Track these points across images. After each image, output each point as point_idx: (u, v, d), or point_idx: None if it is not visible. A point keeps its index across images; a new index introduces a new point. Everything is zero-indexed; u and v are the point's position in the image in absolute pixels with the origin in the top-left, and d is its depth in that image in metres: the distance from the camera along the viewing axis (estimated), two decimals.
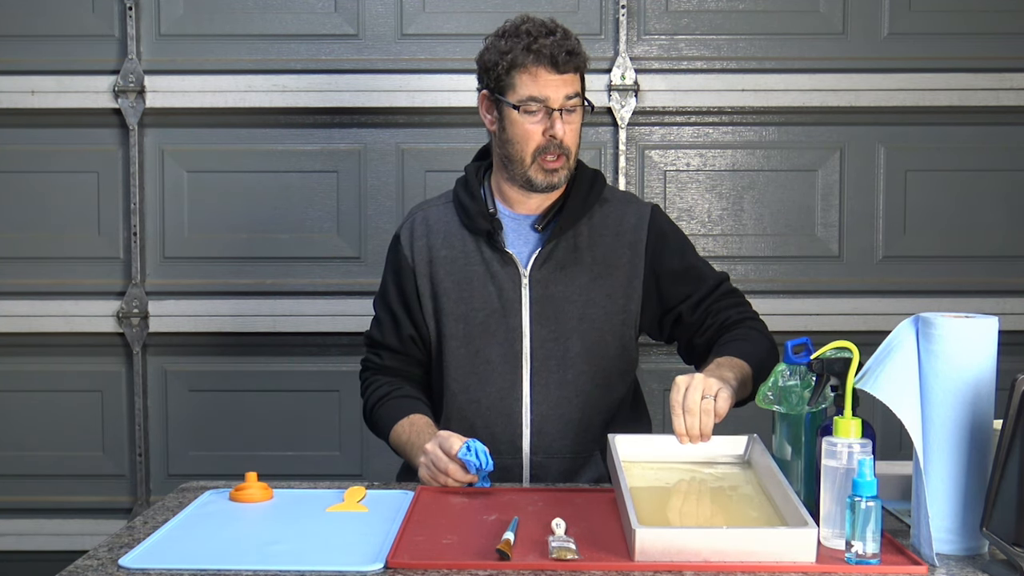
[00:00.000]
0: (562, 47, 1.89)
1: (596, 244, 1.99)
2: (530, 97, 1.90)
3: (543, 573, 1.36)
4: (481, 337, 1.97)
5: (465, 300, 1.98)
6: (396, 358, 2.06)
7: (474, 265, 1.99)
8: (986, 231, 2.87)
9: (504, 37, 1.93)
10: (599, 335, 1.98)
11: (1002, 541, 1.36)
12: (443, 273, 2.00)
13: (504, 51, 1.91)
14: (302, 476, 2.52)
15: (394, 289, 2.05)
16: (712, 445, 1.72)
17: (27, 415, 2.89)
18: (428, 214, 2.06)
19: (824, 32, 2.84)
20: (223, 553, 1.44)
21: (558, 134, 1.90)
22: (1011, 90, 2.80)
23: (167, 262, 2.87)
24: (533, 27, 1.92)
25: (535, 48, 1.89)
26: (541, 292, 1.96)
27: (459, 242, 2.01)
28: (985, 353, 1.44)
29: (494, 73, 1.93)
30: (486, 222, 1.98)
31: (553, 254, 1.97)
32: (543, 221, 2.00)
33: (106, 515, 2.86)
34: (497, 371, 1.97)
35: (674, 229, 2.06)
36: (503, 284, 1.97)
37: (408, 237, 2.05)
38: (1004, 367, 1.47)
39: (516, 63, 1.90)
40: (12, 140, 2.85)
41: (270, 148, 2.86)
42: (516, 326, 1.96)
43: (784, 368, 1.64)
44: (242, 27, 2.83)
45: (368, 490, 1.73)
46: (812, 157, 2.87)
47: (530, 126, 1.91)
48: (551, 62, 1.88)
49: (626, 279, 1.99)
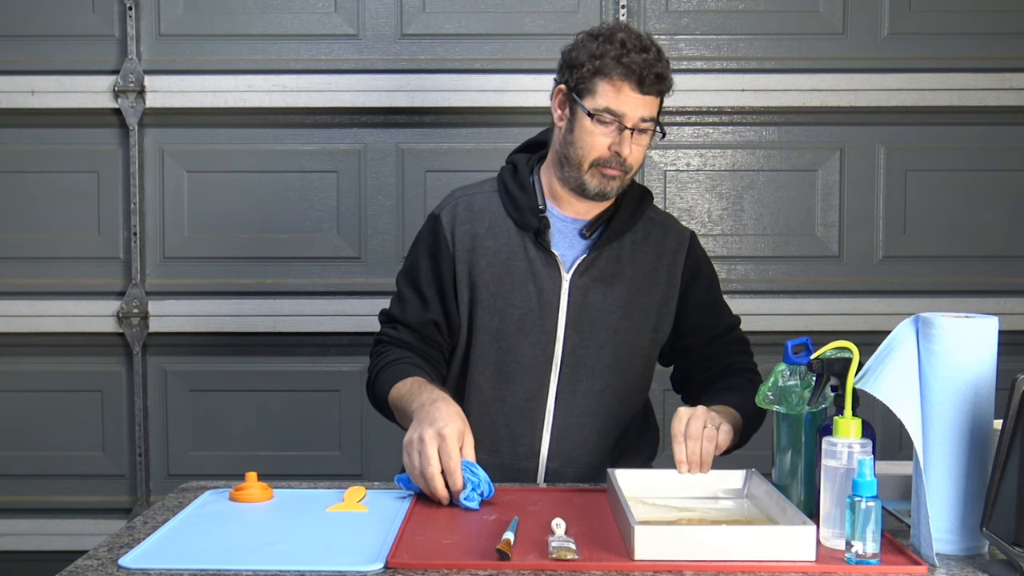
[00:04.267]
0: (652, 68, 1.84)
1: (637, 260, 1.97)
2: (607, 109, 1.85)
3: (543, 573, 1.36)
4: (514, 335, 1.93)
5: (503, 295, 1.93)
6: (415, 336, 1.97)
7: (517, 260, 1.94)
8: (986, 231, 2.87)
9: (598, 40, 1.87)
10: (630, 349, 1.97)
11: (1002, 541, 1.36)
12: (484, 264, 1.94)
13: (595, 55, 1.85)
14: (302, 476, 2.52)
15: (428, 270, 1.98)
16: (711, 480, 1.70)
17: (27, 415, 2.89)
18: (472, 201, 1.99)
19: (824, 32, 2.84)
20: (223, 553, 1.44)
21: (623, 152, 1.86)
22: (1011, 90, 2.81)
23: (167, 262, 2.87)
24: (629, 38, 1.86)
25: (625, 61, 1.83)
26: (580, 298, 1.93)
27: (504, 234, 1.95)
28: (985, 353, 1.44)
29: (578, 73, 1.87)
30: (535, 219, 1.94)
31: (596, 262, 1.94)
32: (590, 228, 1.96)
33: (106, 515, 2.87)
34: (526, 372, 1.94)
35: (707, 261, 2.06)
36: (543, 284, 1.93)
37: (450, 221, 1.97)
38: (1004, 367, 1.47)
39: (603, 71, 1.84)
40: (12, 140, 2.86)
41: (270, 148, 2.86)
42: (551, 329, 1.93)
43: (784, 368, 1.64)
44: (242, 27, 2.83)
45: (368, 490, 1.73)
46: (812, 157, 2.87)
47: (599, 137, 1.86)
48: (638, 80, 1.84)
49: (661, 300, 1.98)
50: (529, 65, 2.81)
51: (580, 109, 1.87)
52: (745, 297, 2.85)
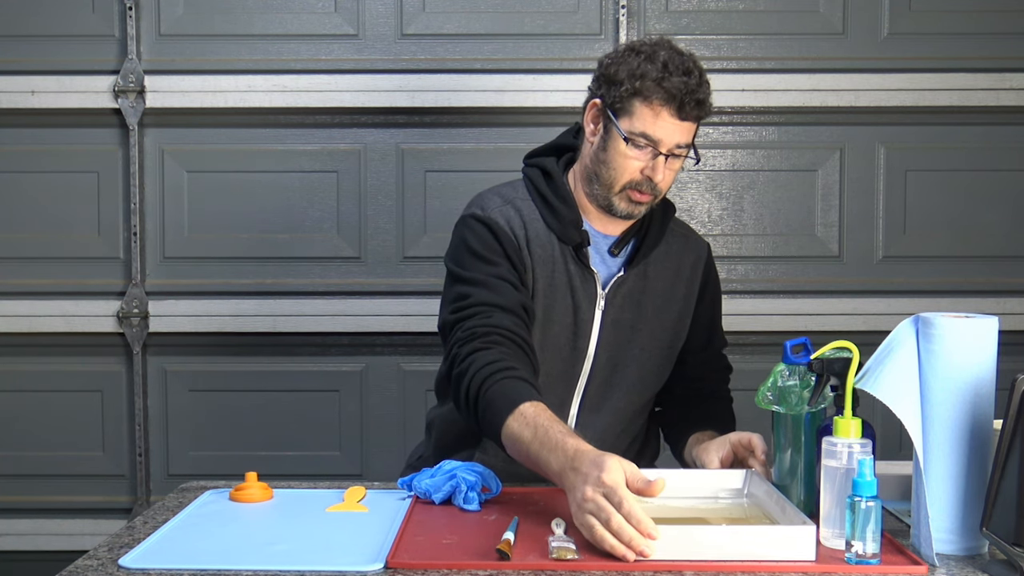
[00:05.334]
0: (694, 95, 1.77)
1: (660, 276, 1.94)
2: (643, 134, 1.78)
3: (543, 573, 1.36)
4: (550, 348, 1.87)
5: (547, 307, 1.87)
6: (514, 320, 1.77)
7: (559, 274, 1.87)
8: (986, 231, 2.87)
9: (639, 56, 1.79)
10: (652, 367, 1.95)
11: (1002, 541, 1.36)
12: (539, 272, 1.86)
13: (635, 74, 1.77)
14: (302, 476, 2.52)
15: (504, 259, 1.83)
16: (710, 479, 1.70)
17: (27, 415, 2.89)
18: (518, 207, 1.88)
19: (824, 32, 2.84)
20: (223, 553, 1.44)
21: (656, 178, 1.81)
22: (1011, 90, 2.80)
23: (167, 262, 2.87)
24: (672, 59, 1.78)
25: (666, 85, 1.76)
26: (614, 317, 1.90)
27: (548, 244, 1.87)
28: (985, 353, 1.44)
29: (616, 91, 1.79)
30: (578, 233, 1.87)
31: (627, 281, 1.90)
32: (619, 245, 1.91)
33: (106, 515, 2.86)
34: (552, 385, 1.88)
35: (717, 276, 2.05)
36: (580, 301, 1.87)
37: (507, 225, 1.86)
38: (1004, 367, 1.47)
39: (642, 92, 1.76)
40: (12, 140, 2.85)
41: (270, 148, 2.86)
42: (583, 347, 1.89)
43: (784, 368, 1.64)
44: (242, 27, 2.83)
45: (368, 490, 1.73)
46: (812, 157, 2.87)
47: (632, 161, 1.80)
48: (678, 106, 1.77)
49: (679, 315, 1.96)
50: (529, 65, 2.81)
51: (615, 129, 1.80)
52: (745, 297, 2.85)
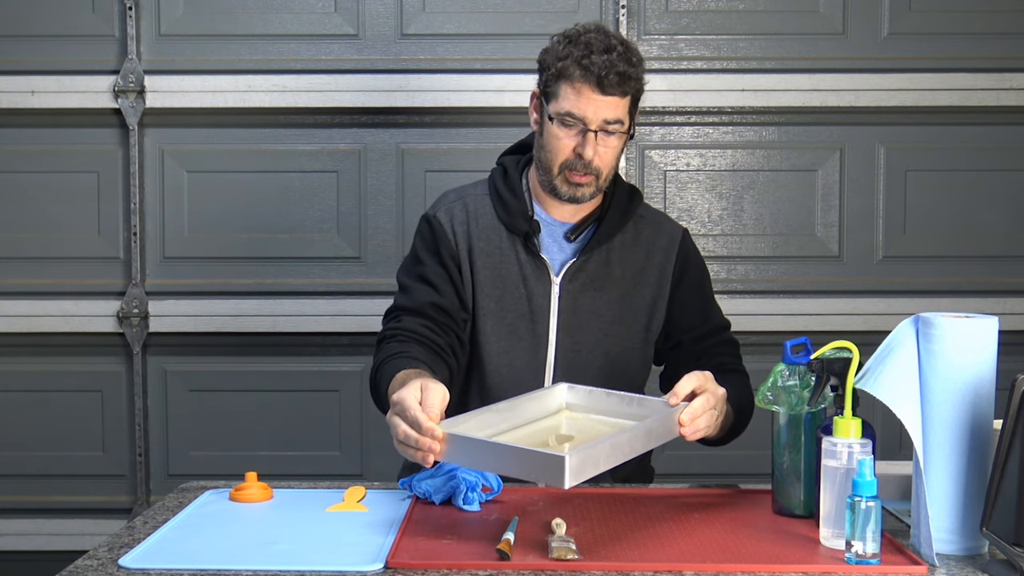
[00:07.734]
0: (613, 67, 1.81)
1: (627, 261, 1.96)
2: (568, 112, 1.84)
3: (543, 573, 1.36)
4: (508, 339, 1.93)
5: (497, 298, 1.93)
6: (421, 322, 1.89)
7: (509, 264, 1.94)
8: (986, 231, 2.87)
9: (564, 42, 1.86)
10: (621, 351, 1.96)
11: (1002, 541, 1.36)
12: (480, 265, 1.94)
13: (560, 57, 1.84)
14: (302, 476, 2.52)
15: (435, 264, 1.94)
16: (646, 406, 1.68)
17: (27, 415, 2.89)
18: (467, 202, 1.99)
19: (824, 32, 2.84)
20: (223, 553, 1.44)
21: (587, 155, 1.84)
22: (1011, 90, 2.81)
23: (167, 262, 2.87)
24: (595, 39, 1.84)
25: (585, 63, 1.81)
26: (570, 303, 1.93)
27: (496, 237, 1.95)
28: (985, 353, 1.44)
29: (544, 76, 1.88)
30: (525, 223, 1.93)
31: (585, 266, 1.94)
32: (576, 231, 1.95)
33: (106, 515, 2.86)
34: (520, 375, 1.93)
35: (699, 258, 2.05)
36: (534, 289, 1.93)
37: (448, 221, 1.96)
38: (1004, 367, 1.47)
39: (564, 73, 1.83)
40: (12, 140, 2.86)
41: (270, 148, 2.86)
42: (543, 333, 1.94)
43: (784, 368, 1.64)
44: (242, 27, 2.83)
45: (368, 490, 1.73)
46: (812, 157, 2.87)
47: (563, 140, 1.86)
48: (597, 82, 1.81)
49: (651, 299, 1.97)
50: (529, 65, 2.75)
51: (547, 113, 1.87)
52: (745, 297, 2.85)
